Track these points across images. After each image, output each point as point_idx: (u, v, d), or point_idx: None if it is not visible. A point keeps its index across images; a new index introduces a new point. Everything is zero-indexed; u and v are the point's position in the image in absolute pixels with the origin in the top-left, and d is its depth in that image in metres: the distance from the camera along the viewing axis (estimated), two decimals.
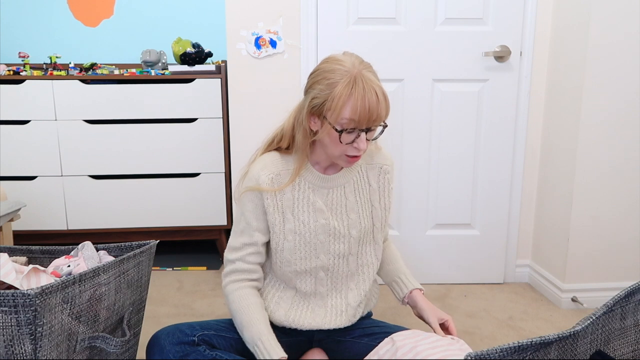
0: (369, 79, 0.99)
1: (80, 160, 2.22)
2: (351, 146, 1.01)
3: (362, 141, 1.00)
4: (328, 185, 1.13)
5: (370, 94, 0.97)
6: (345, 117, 0.97)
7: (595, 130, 1.70)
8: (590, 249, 1.78)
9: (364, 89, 0.97)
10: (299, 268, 1.12)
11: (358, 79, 0.97)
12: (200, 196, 2.27)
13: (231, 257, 1.13)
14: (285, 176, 1.10)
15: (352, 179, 1.15)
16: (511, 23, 1.84)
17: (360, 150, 1.01)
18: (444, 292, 1.95)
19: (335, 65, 1.00)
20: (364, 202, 1.17)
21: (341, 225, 1.13)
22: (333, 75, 0.99)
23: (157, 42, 2.54)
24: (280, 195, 1.10)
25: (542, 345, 0.66)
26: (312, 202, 1.11)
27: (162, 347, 1.01)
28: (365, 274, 1.19)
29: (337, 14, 1.83)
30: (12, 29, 2.57)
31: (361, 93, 0.96)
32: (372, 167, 1.19)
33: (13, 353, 0.85)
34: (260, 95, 1.88)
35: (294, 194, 1.11)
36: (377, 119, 0.99)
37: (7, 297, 0.82)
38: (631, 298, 0.77)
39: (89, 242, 1.22)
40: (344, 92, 0.97)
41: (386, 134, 1.84)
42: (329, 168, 1.15)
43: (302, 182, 1.11)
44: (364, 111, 0.96)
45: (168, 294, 1.92)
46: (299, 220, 1.10)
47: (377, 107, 0.97)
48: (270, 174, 1.09)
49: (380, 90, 0.99)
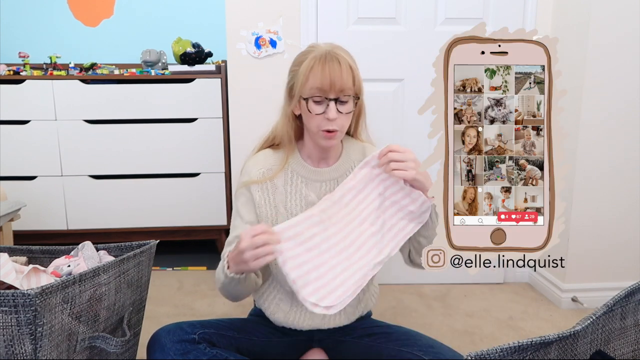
0: (336, 52, 1.02)
1: (80, 160, 2.22)
2: (324, 119, 1.02)
3: (331, 110, 1.01)
4: (321, 179, 1.13)
5: (333, 62, 1.00)
6: (310, 85, 1.01)
7: (595, 130, 1.70)
8: (590, 249, 1.78)
9: (326, 58, 1.00)
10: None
11: (323, 53, 1.02)
12: (200, 196, 2.27)
13: (223, 253, 1.10)
14: (277, 169, 1.13)
15: (344, 173, 1.14)
16: (511, 23, 1.83)
17: (331, 121, 1.02)
18: (444, 292, 1.95)
19: (310, 48, 1.06)
20: None
21: None
22: (302, 55, 1.05)
23: (157, 42, 2.54)
24: (272, 189, 1.11)
25: (542, 345, 0.66)
26: (305, 195, 1.11)
27: (163, 345, 1.01)
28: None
29: (337, 14, 1.83)
30: (12, 29, 2.57)
31: (323, 61, 1.00)
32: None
33: (13, 353, 0.85)
34: (260, 95, 1.88)
35: (287, 188, 1.11)
36: (342, 88, 1.01)
37: (7, 297, 0.82)
38: (631, 298, 0.77)
39: (89, 242, 1.22)
40: (309, 64, 1.01)
41: (386, 133, 1.81)
42: (321, 162, 1.14)
43: (294, 176, 1.12)
44: (325, 78, 0.99)
45: (168, 294, 1.92)
46: (292, 214, 1.10)
47: (340, 74, 1.00)
48: (262, 168, 1.12)
49: (345, 61, 1.01)
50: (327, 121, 1.02)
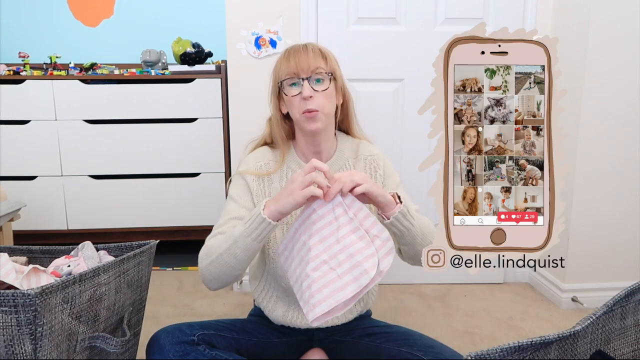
0: (306, 43, 1.08)
1: (80, 160, 2.22)
2: (302, 100, 1.04)
3: (305, 88, 1.02)
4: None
5: (300, 47, 1.06)
6: (283, 72, 1.06)
7: (595, 130, 1.70)
8: (590, 249, 1.78)
9: (294, 47, 1.07)
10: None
11: (294, 44, 1.08)
12: (200, 196, 2.27)
13: (212, 234, 1.09)
14: (273, 166, 1.14)
15: (339, 170, 1.15)
16: (511, 23, 1.84)
17: (308, 100, 1.03)
18: (444, 292, 1.95)
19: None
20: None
21: None
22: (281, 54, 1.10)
23: (157, 42, 2.54)
24: (268, 183, 1.12)
25: (542, 345, 0.66)
26: None
27: (162, 346, 1.01)
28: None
29: (337, 14, 1.83)
30: (12, 29, 2.57)
31: (291, 49, 1.07)
32: (358, 159, 1.18)
33: (13, 353, 0.85)
34: (261, 95, 1.86)
35: (281, 184, 1.12)
36: (313, 66, 1.03)
37: (7, 297, 0.82)
38: (631, 298, 0.77)
39: (89, 242, 1.22)
40: (280, 56, 1.08)
41: (386, 133, 1.81)
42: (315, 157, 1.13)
43: (289, 173, 1.13)
44: (292, 60, 1.04)
45: (168, 294, 1.92)
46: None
47: (307, 55, 1.04)
48: (260, 161, 1.14)
49: (314, 46, 1.07)
50: (304, 101, 1.03)
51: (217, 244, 1.02)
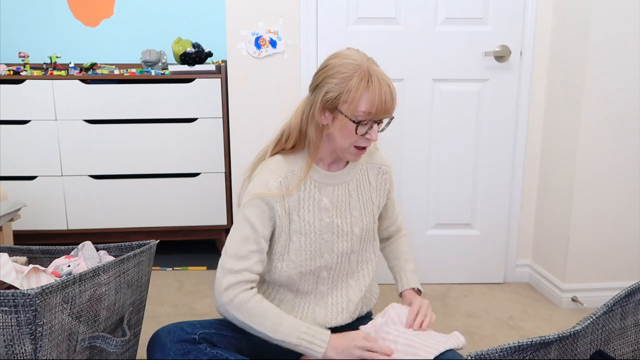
0: (381, 73, 1.03)
1: (80, 160, 2.22)
2: (363, 137, 1.04)
3: (374, 132, 1.04)
4: (333, 182, 1.13)
5: (386, 87, 1.01)
6: (362, 109, 1.01)
7: (595, 130, 1.70)
8: (590, 249, 1.78)
9: (379, 83, 1.00)
10: (304, 269, 1.11)
11: (372, 73, 1.01)
12: (200, 196, 2.27)
13: (236, 267, 1.05)
14: (292, 178, 1.09)
15: (354, 176, 1.17)
16: (511, 23, 1.84)
17: (371, 141, 1.06)
18: (444, 292, 1.95)
19: (345, 60, 1.03)
20: (366, 200, 1.18)
21: (344, 223, 1.14)
22: (345, 69, 1.02)
23: (157, 42, 2.54)
24: (287, 198, 1.09)
25: (542, 345, 0.66)
26: (318, 200, 1.11)
27: (163, 344, 1.01)
28: (365, 270, 1.21)
29: (337, 14, 1.83)
30: (12, 29, 2.57)
31: (377, 86, 1.00)
32: (372, 166, 1.21)
33: (13, 353, 0.85)
34: (261, 95, 1.88)
35: (300, 194, 1.10)
36: (389, 111, 1.04)
37: (7, 297, 0.82)
38: (631, 298, 0.77)
39: (89, 242, 1.22)
40: (360, 85, 1.00)
41: (386, 133, 1.84)
42: (332, 165, 1.15)
43: (307, 182, 1.11)
44: (380, 104, 1.00)
45: (168, 294, 1.92)
46: (304, 220, 1.10)
47: (392, 100, 1.02)
48: (278, 177, 1.08)
49: (392, 84, 1.04)
50: (364, 140, 1.05)
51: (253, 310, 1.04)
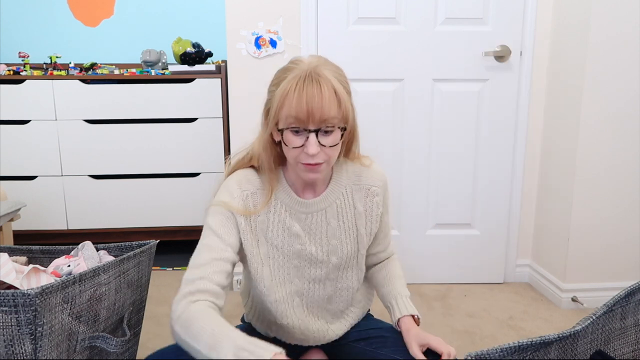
0: (320, 74, 0.86)
1: (80, 160, 2.22)
2: (302, 151, 0.88)
3: (310, 144, 0.85)
4: (307, 210, 1.00)
5: (312, 86, 0.84)
6: (285, 114, 0.86)
7: (595, 130, 1.70)
8: (590, 249, 1.78)
9: (305, 81, 0.84)
10: (277, 296, 1.02)
11: (307, 74, 0.85)
12: (200, 196, 2.27)
13: (191, 276, 0.90)
14: (261, 196, 0.98)
15: (334, 202, 1.01)
16: (511, 23, 1.84)
17: (311, 156, 0.87)
18: (444, 292, 1.95)
19: (292, 64, 0.90)
20: (349, 227, 1.04)
21: (320, 252, 1.02)
22: (286, 73, 0.89)
23: (157, 42, 2.54)
24: (254, 217, 0.97)
25: (542, 345, 0.66)
26: (288, 226, 0.99)
27: None
28: (344, 296, 1.11)
29: (337, 14, 1.83)
30: (12, 29, 2.57)
31: (301, 85, 0.84)
32: (359, 188, 1.04)
33: (13, 353, 0.85)
34: (261, 95, 1.85)
35: (268, 217, 0.98)
36: (324, 117, 0.85)
37: (7, 297, 0.82)
38: (631, 298, 0.77)
39: (89, 242, 1.22)
40: (287, 86, 0.86)
41: (386, 133, 1.81)
42: (306, 190, 1.01)
43: (277, 205, 0.99)
44: (301, 106, 0.84)
45: (168, 294, 1.92)
46: (272, 245, 0.99)
47: (320, 101, 0.83)
48: (245, 191, 0.97)
49: (329, 82, 0.85)
50: (306, 155, 0.87)
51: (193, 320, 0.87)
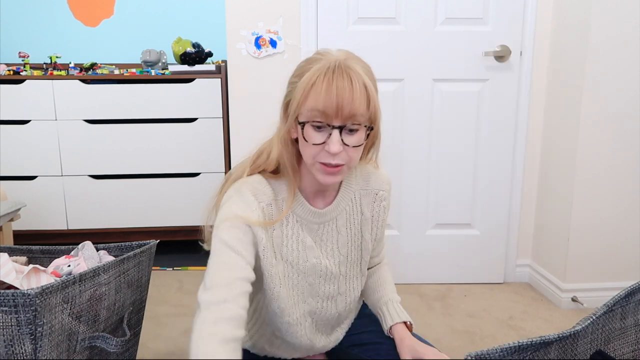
0: (349, 65, 0.79)
1: (80, 160, 2.22)
2: (322, 150, 0.80)
3: (333, 142, 0.78)
4: (319, 221, 0.94)
5: (342, 78, 0.77)
6: (309, 106, 0.79)
7: (595, 130, 1.70)
8: (590, 249, 1.78)
9: (334, 73, 0.77)
10: (291, 318, 0.95)
11: (336, 65, 0.78)
12: (200, 196, 2.27)
13: (214, 298, 0.81)
14: (275, 208, 0.89)
15: (344, 209, 0.96)
16: (511, 23, 1.84)
17: (332, 155, 0.80)
18: (444, 292, 1.95)
19: (319, 55, 0.83)
20: (354, 234, 0.99)
21: (332, 264, 0.96)
22: (309, 64, 0.82)
23: (157, 42, 2.54)
24: (270, 231, 0.89)
25: (542, 345, 0.66)
26: (302, 239, 0.93)
27: None
28: (348, 308, 1.06)
29: (337, 14, 1.83)
30: (12, 29, 2.57)
31: (330, 77, 0.77)
32: (367, 192, 0.99)
33: (13, 353, 0.85)
34: (260, 95, 1.88)
35: (283, 230, 0.91)
36: (353, 113, 0.78)
37: (7, 297, 0.82)
38: (631, 298, 0.77)
39: (89, 242, 1.22)
40: (312, 77, 0.78)
41: (386, 134, 1.81)
42: (317, 196, 0.94)
43: (291, 216, 0.91)
44: (329, 97, 0.76)
45: (168, 294, 1.92)
46: (287, 262, 0.92)
47: (351, 95, 0.77)
48: (262, 202, 0.88)
49: (359, 77, 0.79)
50: (325, 153, 0.80)
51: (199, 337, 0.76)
